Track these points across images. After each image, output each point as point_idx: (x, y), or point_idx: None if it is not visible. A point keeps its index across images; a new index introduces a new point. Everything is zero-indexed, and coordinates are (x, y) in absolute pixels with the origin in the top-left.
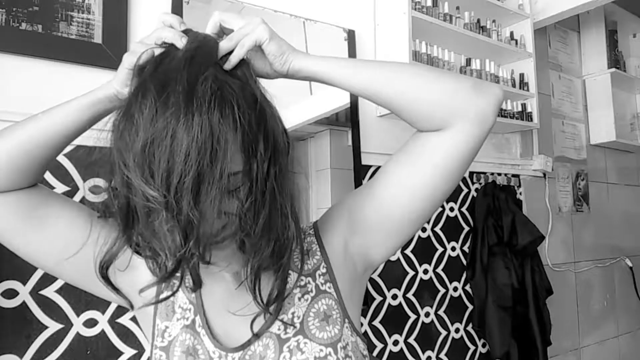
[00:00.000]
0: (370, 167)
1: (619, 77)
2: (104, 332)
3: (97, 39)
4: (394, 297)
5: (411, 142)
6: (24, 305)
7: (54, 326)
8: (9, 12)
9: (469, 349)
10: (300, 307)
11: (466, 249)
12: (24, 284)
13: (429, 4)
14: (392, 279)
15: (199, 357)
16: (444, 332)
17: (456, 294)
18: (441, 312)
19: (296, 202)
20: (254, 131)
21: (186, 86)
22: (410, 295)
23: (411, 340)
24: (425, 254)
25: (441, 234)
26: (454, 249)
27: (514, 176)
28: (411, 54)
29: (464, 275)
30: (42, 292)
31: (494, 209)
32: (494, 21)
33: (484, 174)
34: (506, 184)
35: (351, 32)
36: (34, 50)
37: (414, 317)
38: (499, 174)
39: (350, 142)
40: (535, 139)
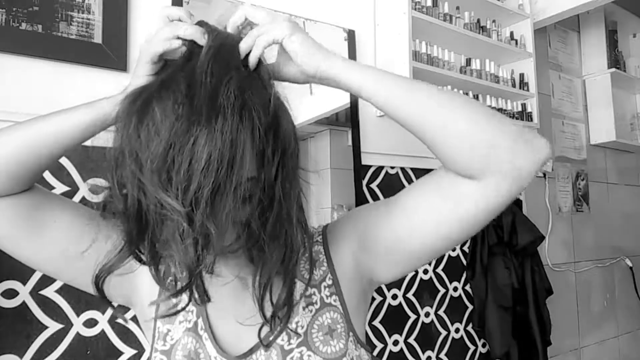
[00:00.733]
0: (370, 167)
1: (619, 77)
2: (104, 332)
3: (97, 39)
4: (394, 297)
5: (439, 177)
6: (24, 305)
7: (54, 326)
8: (9, 12)
9: (469, 349)
10: (304, 317)
11: (466, 249)
12: (24, 284)
13: (429, 4)
14: None
15: None
16: (444, 332)
17: (456, 294)
18: (441, 312)
19: (304, 206)
20: (270, 137)
21: (210, 91)
22: (410, 295)
23: (411, 340)
24: None
25: None
26: (454, 249)
27: None
28: (411, 54)
29: (464, 275)
30: (42, 292)
31: None
32: (494, 21)
33: None
34: None
35: (351, 32)
36: (34, 50)
37: (414, 317)
38: None
39: (350, 142)
40: None
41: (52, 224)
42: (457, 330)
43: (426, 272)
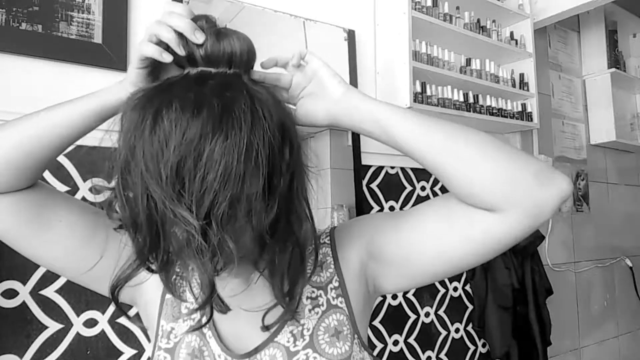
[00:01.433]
0: (370, 167)
1: (619, 77)
2: (104, 332)
3: (97, 39)
4: (394, 297)
5: (455, 201)
6: (24, 305)
7: (54, 326)
8: (9, 12)
9: (469, 349)
10: (310, 320)
11: None
12: (24, 284)
13: (429, 4)
14: None
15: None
16: (444, 332)
17: (456, 294)
18: (441, 312)
19: (311, 207)
20: (280, 144)
21: (224, 101)
22: (410, 295)
23: (411, 340)
24: None
25: None
26: None
27: None
28: (411, 54)
29: (464, 275)
30: (42, 292)
31: None
32: (494, 21)
33: None
34: None
35: (351, 32)
36: (34, 50)
37: (414, 317)
38: None
39: (350, 142)
40: (535, 139)
41: (58, 223)
42: (457, 330)
43: None
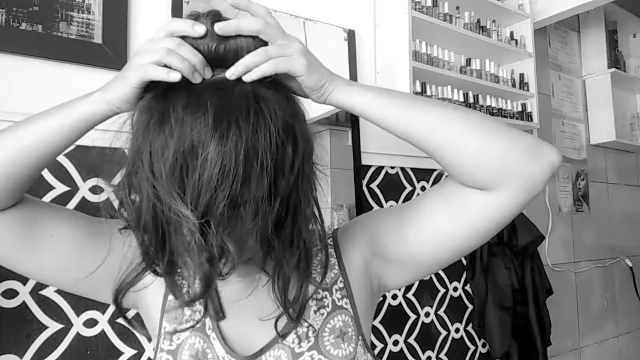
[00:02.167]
0: (370, 167)
1: (619, 77)
2: (104, 332)
3: (97, 39)
4: (394, 297)
5: (450, 189)
6: (24, 305)
7: (54, 326)
8: (9, 12)
9: (469, 349)
10: (315, 321)
11: None
12: (24, 284)
13: (429, 4)
14: None
15: None
16: (444, 332)
17: (456, 294)
18: (441, 312)
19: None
20: (286, 145)
21: (223, 100)
22: (410, 295)
23: (411, 340)
24: None
25: None
26: None
27: None
28: (411, 54)
29: (464, 275)
30: (42, 292)
31: None
32: (494, 21)
33: None
34: None
35: (351, 32)
36: (34, 50)
37: (414, 317)
38: None
39: (350, 142)
40: None
41: (49, 238)
42: (457, 330)
43: None
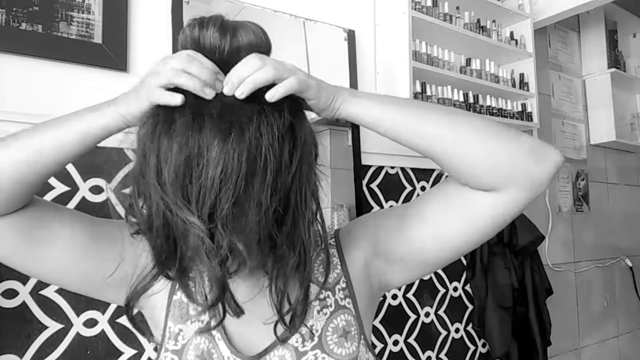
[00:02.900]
0: (370, 167)
1: (619, 77)
2: (104, 332)
3: (97, 39)
4: (394, 297)
5: (453, 189)
6: (24, 305)
7: (54, 326)
8: (9, 12)
9: (469, 349)
10: (318, 321)
11: None
12: (24, 284)
13: (429, 4)
14: None
15: None
16: (444, 332)
17: (456, 294)
18: (441, 312)
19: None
20: (288, 147)
21: (225, 104)
22: (410, 295)
23: (411, 340)
24: None
25: None
26: None
27: None
28: (411, 54)
29: (464, 275)
30: (42, 292)
31: None
32: (494, 21)
33: None
34: None
35: (351, 32)
36: (34, 50)
37: (414, 317)
38: None
39: (350, 142)
40: None
41: (54, 243)
42: (457, 330)
43: None
